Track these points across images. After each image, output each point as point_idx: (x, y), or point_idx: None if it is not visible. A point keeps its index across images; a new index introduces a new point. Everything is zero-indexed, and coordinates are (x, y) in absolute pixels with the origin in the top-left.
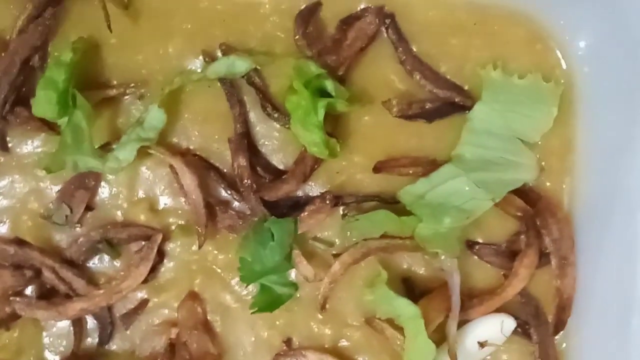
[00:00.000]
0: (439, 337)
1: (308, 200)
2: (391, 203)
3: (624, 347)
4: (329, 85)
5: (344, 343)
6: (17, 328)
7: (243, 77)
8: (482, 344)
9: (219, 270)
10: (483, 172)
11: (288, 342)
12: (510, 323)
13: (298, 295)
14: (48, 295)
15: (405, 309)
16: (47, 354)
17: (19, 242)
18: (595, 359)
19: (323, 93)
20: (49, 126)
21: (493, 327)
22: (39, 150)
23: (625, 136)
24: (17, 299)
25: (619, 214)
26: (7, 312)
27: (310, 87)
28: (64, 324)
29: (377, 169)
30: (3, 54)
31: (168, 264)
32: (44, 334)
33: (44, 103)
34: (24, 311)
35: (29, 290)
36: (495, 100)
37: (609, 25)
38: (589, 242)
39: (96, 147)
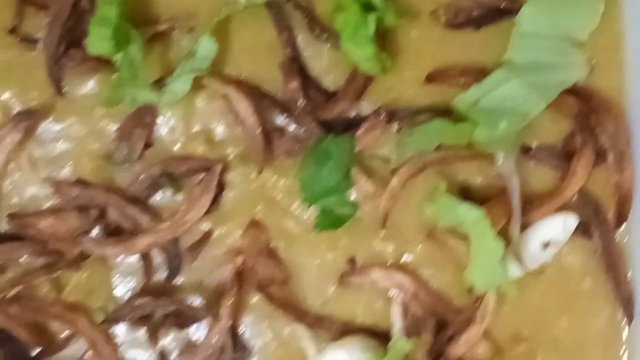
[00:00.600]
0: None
1: (362, 118)
2: (444, 114)
3: None
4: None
5: (406, 258)
6: (87, 269)
7: (289, 1)
8: (545, 245)
9: (279, 197)
10: (534, 74)
11: (351, 261)
12: (572, 220)
13: (358, 215)
14: (114, 234)
15: (469, 214)
16: (117, 291)
17: (82, 184)
18: None
19: (370, 9)
20: (104, 64)
21: (555, 227)
22: (94, 91)
23: None
24: (86, 238)
25: None
26: (76, 253)
27: (358, 2)
28: (132, 261)
29: (429, 80)
30: None
31: (229, 194)
32: (113, 273)
33: (98, 40)
34: (93, 250)
35: (95, 232)
36: (541, 1)
37: None
38: None
39: (151, 82)
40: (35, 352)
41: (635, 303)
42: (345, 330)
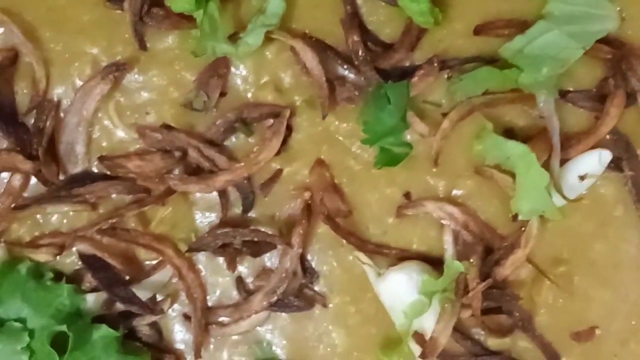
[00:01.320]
0: None
1: (416, 67)
2: (491, 62)
3: None
4: None
5: (456, 192)
6: (171, 205)
7: None
8: (582, 177)
9: (341, 138)
10: (572, 25)
11: (407, 195)
12: (606, 155)
13: (413, 154)
14: (194, 174)
15: (515, 149)
16: (198, 224)
17: (166, 127)
18: None
19: None
20: (183, 21)
21: (591, 161)
22: (174, 46)
23: None
24: (171, 175)
25: None
26: (162, 190)
27: None
28: (211, 197)
29: (477, 31)
30: None
31: (296, 136)
32: (194, 208)
33: None
34: (178, 186)
35: (176, 171)
36: None
37: None
38: None
39: (227, 36)
40: (126, 278)
41: None
42: (402, 257)
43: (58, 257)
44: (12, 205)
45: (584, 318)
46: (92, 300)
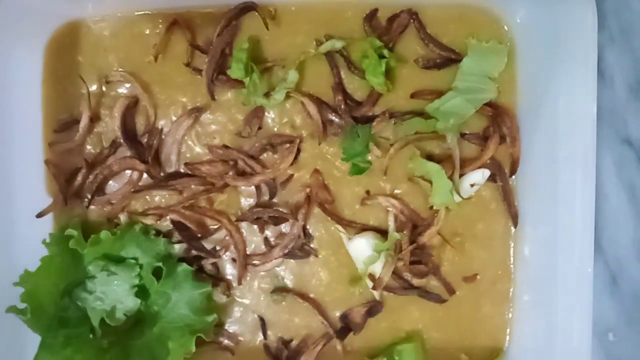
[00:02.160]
0: None
1: (375, 116)
2: (420, 115)
3: (550, 169)
4: (385, 52)
5: (397, 191)
6: (226, 193)
7: (337, 52)
8: (472, 185)
9: (329, 157)
10: (469, 94)
11: (368, 192)
12: (487, 172)
13: (372, 168)
14: (241, 175)
15: (433, 167)
16: (242, 205)
17: (225, 147)
18: (532, 190)
19: (382, 57)
20: (238, 83)
21: (477, 176)
22: (231, 98)
23: (545, 71)
24: (227, 175)
25: (544, 111)
26: (221, 184)
27: (375, 53)
28: (251, 189)
29: (412, 96)
30: (211, 48)
31: (303, 155)
32: (240, 195)
33: (236, 70)
34: (231, 182)
35: (230, 173)
36: (474, 55)
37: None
38: (526, 126)
39: (263, 93)
40: (198, 235)
41: (518, 217)
42: (363, 229)
43: (158, 222)
44: (132, 190)
45: (470, 268)
46: (178, 248)
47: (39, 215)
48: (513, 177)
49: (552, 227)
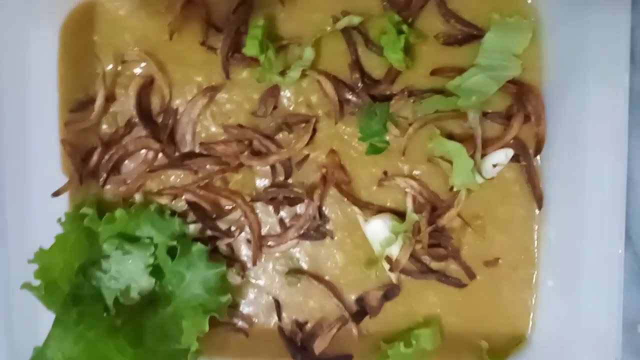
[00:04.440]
0: None
1: (394, 94)
2: (440, 93)
3: (577, 150)
4: (405, 28)
5: (416, 172)
6: (241, 173)
7: (354, 28)
8: (494, 165)
9: (346, 137)
10: (491, 71)
11: (385, 173)
12: (510, 152)
13: (389, 148)
14: (256, 155)
15: (453, 146)
16: (257, 185)
17: (240, 127)
18: (557, 171)
19: (401, 33)
20: (253, 61)
21: (500, 156)
22: (247, 77)
23: (572, 47)
24: (242, 155)
25: (571, 89)
26: (236, 163)
27: (394, 29)
28: (266, 169)
29: (432, 73)
30: (226, 25)
31: (319, 134)
32: (255, 175)
33: (251, 47)
34: (246, 162)
35: (245, 153)
36: (497, 31)
37: None
38: (552, 104)
39: (278, 72)
40: (213, 215)
41: (542, 199)
42: (380, 210)
43: (173, 201)
44: (147, 169)
45: (491, 252)
46: (192, 228)
47: (55, 195)
48: (538, 157)
49: (579, 210)
